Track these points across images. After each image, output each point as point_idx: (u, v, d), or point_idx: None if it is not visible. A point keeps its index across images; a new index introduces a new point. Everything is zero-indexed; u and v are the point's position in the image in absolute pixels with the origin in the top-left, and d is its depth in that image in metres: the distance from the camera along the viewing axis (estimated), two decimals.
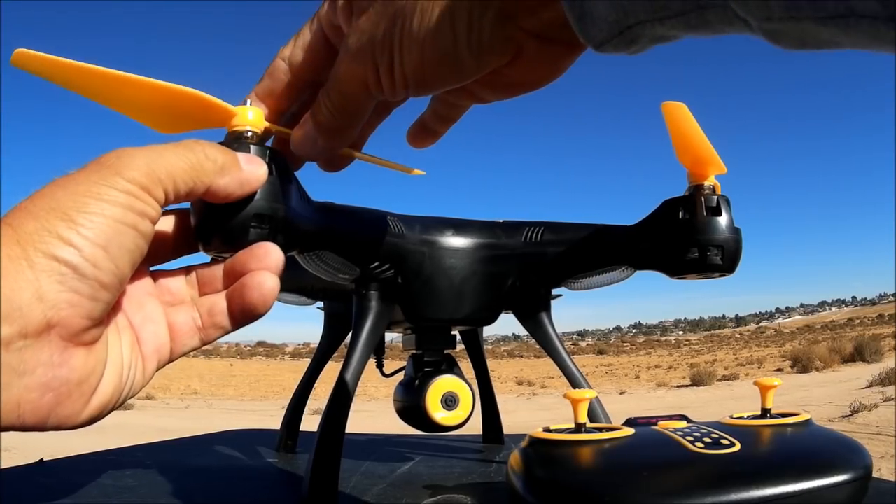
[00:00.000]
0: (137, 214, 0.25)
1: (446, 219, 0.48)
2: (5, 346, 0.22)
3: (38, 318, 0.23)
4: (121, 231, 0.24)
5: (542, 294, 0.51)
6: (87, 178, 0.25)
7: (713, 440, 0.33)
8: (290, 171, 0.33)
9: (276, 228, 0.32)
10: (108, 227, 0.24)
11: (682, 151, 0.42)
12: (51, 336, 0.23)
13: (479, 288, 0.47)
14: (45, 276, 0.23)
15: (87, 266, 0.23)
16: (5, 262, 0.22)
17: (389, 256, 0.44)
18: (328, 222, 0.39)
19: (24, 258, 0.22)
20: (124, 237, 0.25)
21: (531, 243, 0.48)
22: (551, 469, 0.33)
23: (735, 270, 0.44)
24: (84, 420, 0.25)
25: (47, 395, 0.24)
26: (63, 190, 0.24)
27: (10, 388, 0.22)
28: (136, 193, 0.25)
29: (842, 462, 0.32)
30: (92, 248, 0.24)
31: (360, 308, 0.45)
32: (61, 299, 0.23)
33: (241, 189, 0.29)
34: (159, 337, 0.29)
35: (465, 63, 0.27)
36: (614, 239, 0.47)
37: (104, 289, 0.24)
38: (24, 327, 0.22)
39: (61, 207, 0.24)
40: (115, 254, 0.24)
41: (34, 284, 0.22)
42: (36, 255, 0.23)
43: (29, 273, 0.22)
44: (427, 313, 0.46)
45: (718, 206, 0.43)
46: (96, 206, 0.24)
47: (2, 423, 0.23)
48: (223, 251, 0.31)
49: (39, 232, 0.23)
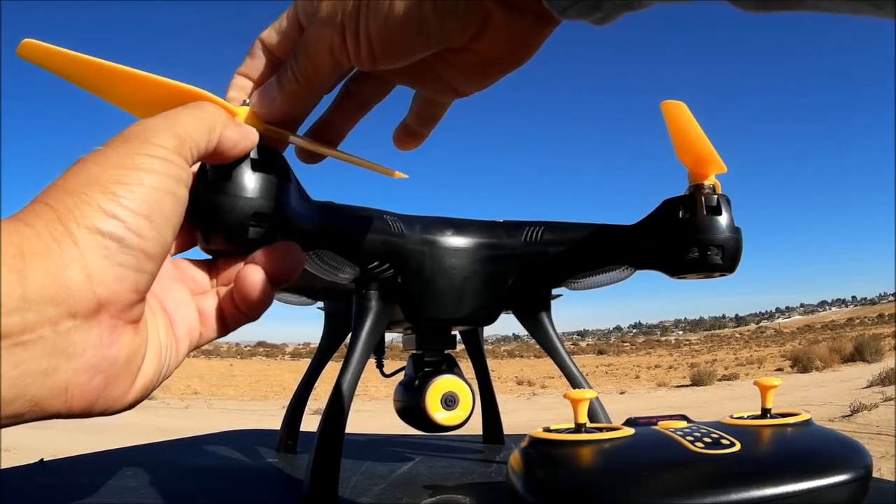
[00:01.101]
0: (174, 180, 0.25)
1: (446, 218, 0.48)
2: (54, 329, 0.21)
3: (88, 298, 0.22)
4: (161, 198, 0.24)
5: (542, 294, 0.51)
6: (118, 150, 0.24)
7: (713, 440, 0.33)
8: (289, 170, 0.33)
9: (275, 227, 0.32)
10: (148, 196, 0.24)
11: (682, 151, 0.42)
12: (100, 315, 0.23)
13: (480, 288, 0.47)
14: (91, 253, 0.22)
15: (132, 237, 0.23)
16: (49, 242, 0.21)
17: (389, 256, 0.44)
18: (328, 221, 0.39)
19: (67, 235, 0.22)
20: (165, 204, 0.24)
21: (531, 243, 0.48)
22: (551, 469, 0.33)
23: (735, 270, 0.44)
24: (129, 402, 0.25)
25: (96, 378, 0.23)
26: (96, 165, 0.24)
27: (59, 372, 0.22)
28: (169, 158, 0.25)
29: (842, 462, 0.32)
30: (135, 219, 0.23)
31: (360, 308, 0.45)
32: (109, 275, 0.22)
33: (244, 141, 0.30)
34: (190, 319, 0.29)
35: (430, 27, 0.26)
36: (614, 239, 0.47)
37: (150, 259, 0.24)
38: (74, 308, 0.22)
39: (99, 181, 0.23)
40: (158, 222, 0.24)
41: (81, 262, 0.22)
42: (80, 231, 0.22)
43: (74, 250, 0.22)
44: (427, 313, 0.46)
45: (719, 205, 0.43)
46: (134, 177, 0.24)
47: (49, 411, 0.22)
48: (223, 249, 0.31)
49: (80, 206, 0.22)
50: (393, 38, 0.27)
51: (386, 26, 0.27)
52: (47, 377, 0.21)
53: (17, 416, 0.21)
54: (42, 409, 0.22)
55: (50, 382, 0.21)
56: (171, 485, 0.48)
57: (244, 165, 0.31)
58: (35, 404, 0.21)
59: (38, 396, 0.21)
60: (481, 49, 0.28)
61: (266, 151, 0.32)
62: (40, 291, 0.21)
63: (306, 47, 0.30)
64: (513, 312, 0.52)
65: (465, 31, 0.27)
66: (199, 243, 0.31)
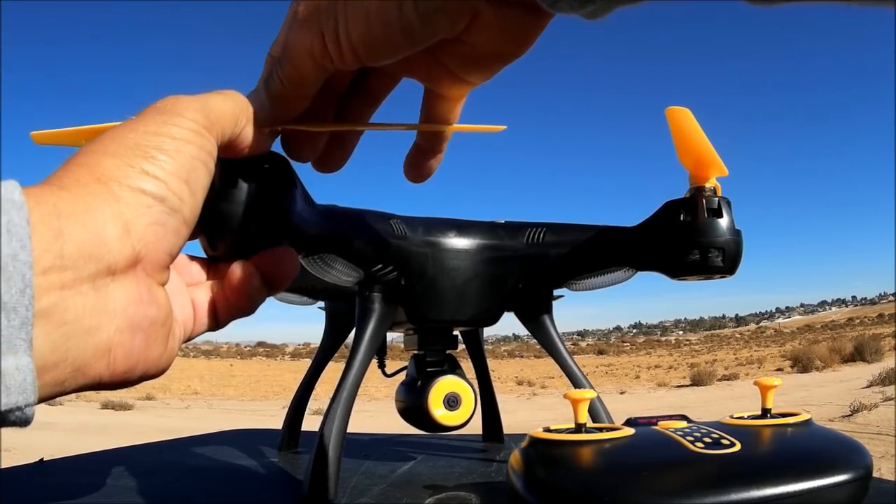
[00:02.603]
0: (206, 153, 0.25)
1: (449, 220, 0.48)
2: (93, 285, 0.21)
3: (127, 253, 0.22)
4: (197, 167, 0.25)
5: (543, 295, 0.51)
6: (154, 120, 0.25)
7: (713, 440, 0.33)
8: (293, 174, 0.33)
9: (281, 234, 0.32)
10: (187, 163, 0.24)
11: (683, 154, 0.42)
12: (137, 271, 0.22)
13: (482, 289, 0.47)
14: (131, 209, 0.22)
15: (174, 199, 0.23)
16: (88, 200, 0.21)
17: (393, 258, 0.44)
18: (331, 225, 0.39)
19: (108, 193, 0.22)
20: (200, 173, 0.25)
21: (533, 244, 0.48)
22: (551, 469, 0.33)
23: (736, 272, 0.44)
24: (164, 365, 0.25)
25: (137, 337, 0.23)
26: (133, 132, 0.24)
27: (101, 330, 0.21)
28: (201, 132, 0.25)
29: (842, 462, 0.32)
30: (177, 182, 0.24)
31: (363, 310, 0.45)
32: (149, 232, 0.22)
33: (258, 147, 0.29)
34: (185, 310, 0.29)
35: (413, 28, 0.25)
36: (616, 240, 0.47)
37: (185, 224, 0.24)
38: (113, 263, 0.21)
39: (140, 146, 0.23)
40: (195, 189, 0.25)
41: (122, 217, 0.22)
42: (121, 190, 0.22)
43: (115, 206, 0.22)
44: (430, 314, 0.46)
45: (719, 207, 0.43)
46: (172, 144, 0.24)
47: (91, 375, 0.21)
48: (226, 253, 0.31)
49: (121, 168, 0.22)
50: (375, 41, 0.26)
51: (368, 30, 0.26)
52: (91, 336, 0.21)
53: (58, 383, 0.21)
54: (84, 373, 0.21)
55: (93, 342, 0.21)
56: (171, 485, 0.48)
57: (250, 172, 0.31)
58: (77, 368, 0.21)
59: (81, 359, 0.21)
60: (476, 42, 0.27)
61: (272, 158, 0.32)
62: (78, 248, 0.20)
63: (288, 52, 0.29)
64: (515, 313, 0.52)
65: (453, 29, 0.26)
66: (205, 250, 0.31)
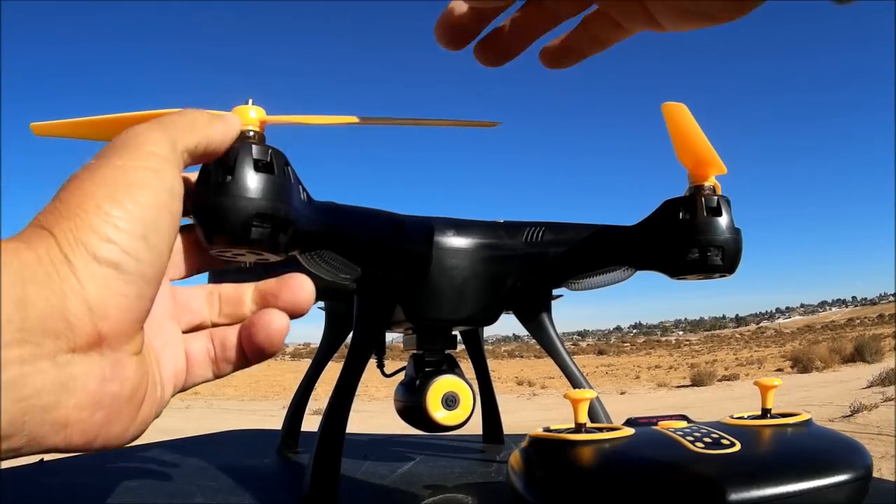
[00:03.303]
0: (168, 195, 0.24)
1: (447, 219, 0.48)
2: (53, 362, 0.20)
3: (88, 331, 0.21)
4: (156, 216, 0.23)
5: (542, 294, 0.51)
6: (111, 163, 0.23)
7: (713, 440, 0.33)
8: (292, 170, 0.34)
9: (278, 228, 0.32)
10: (143, 214, 0.23)
11: (682, 152, 0.42)
12: (102, 348, 0.22)
13: (480, 288, 0.47)
14: (89, 282, 0.21)
15: (129, 261, 0.22)
16: (49, 269, 0.21)
17: (391, 256, 0.44)
18: (330, 222, 0.39)
19: (66, 264, 0.21)
20: (160, 222, 0.24)
21: (532, 244, 0.48)
22: (551, 469, 0.33)
23: (735, 271, 0.44)
24: (129, 438, 0.24)
25: (98, 414, 0.22)
26: (90, 182, 0.23)
27: (59, 407, 0.21)
28: (162, 169, 0.24)
29: (842, 462, 0.32)
30: (131, 241, 0.22)
31: (361, 308, 0.45)
32: (111, 305, 0.22)
33: (231, 131, 0.29)
34: (178, 362, 0.28)
35: None
36: (615, 239, 0.47)
37: (148, 284, 0.23)
38: (73, 341, 0.21)
39: (94, 200, 0.22)
40: (155, 242, 0.23)
41: (81, 293, 0.21)
42: (77, 259, 0.21)
43: (73, 281, 0.21)
44: (428, 313, 0.46)
45: (719, 206, 0.43)
46: (128, 194, 0.23)
47: (46, 445, 0.21)
48: (226, 250, 0.31)
49: (76, 231, 0.21)
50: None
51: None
52: (47, 413, 0.20)
53: (14, 450, 0.20)
54: (40, 444, 0.21)
55: (50, 418, 0.21)
56: (171, 485, 0.48)
57: (247, 166, 0.31)
58: (33, 439, 0.21)
59: (38, 433, 0.20)
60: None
61: (269, 152, 0.32)
62: (40, 323, 0.20)
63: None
64: (513, 313, 0.52)
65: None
66: (203, 244, 0.31)
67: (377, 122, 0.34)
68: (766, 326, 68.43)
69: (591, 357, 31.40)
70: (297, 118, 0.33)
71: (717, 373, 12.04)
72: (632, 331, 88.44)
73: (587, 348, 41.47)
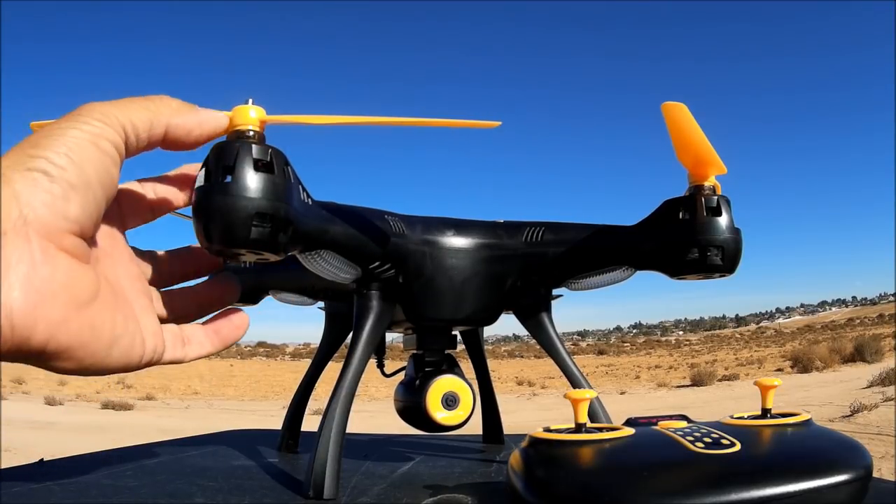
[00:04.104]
0: (93, 135, 0.28)
1: (447, 219, 0.48)
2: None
3: (14, 215, 0.25)
4: (80, 145, 0.28)
5: (542, 294, 0.51)
6: (56, 123, 0.28)
7: (713, 440, 0.33)
8: (292, 170, 0.34)
9: (277, 227, 0.32)
10: (68, 142, 0.27)
11: (682, 152, 0.42)
12: (28, 233, 0.25)
13: (480, 288, 0.47)
14: (20, 183, 0.26)
15: (55, 169, 0.27)
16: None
17: (390, 256, 0.44)
18: (330, 222, 0.39)
19: (5, 179, 0.25)
20: (84, 149, 0.28)
21: (532, 243, 0.48)
22: (551, 469, 0.33)
23: (735, 271, 0.44)
24: (76, 336, 0.27)
25: (31, 294, 0.25)
26: (36, 134, 0.28)
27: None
28: (96, 125, 0.28)
29: (842, 462, 0.32)
30: (59, 157, 0.27)
31: (361, 308, 0.45)
32: (36, 199, 0.26)
33: (200, 128, 0.32)
34: (152, 329, 0.32)
35: None
36: (615, 239, 0.47)
37: (73, 189, 0.27)
38: (3, 229, 0.25)
39: (32, 141, 0.27)
40: (79, 160, 0.27)
41: (11, 188, 0.25)
42: (13, 173, 0.26)
43: (5, 186, 0.25)
44: (428, 313, 0.46)
45: (718, 206, 0.43)
46: (60, 133, 0.28)
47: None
48: (227, 250, 0.31)
49: (13, 157, 0.27)
50: None
51: None
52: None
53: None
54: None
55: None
56: (171, 485, 0.48)
57: (247, 166, 0.31)
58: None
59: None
60: None
61: (269, 151, 0.32)
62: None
63: None
64: (513, 313, 0.52)
65: None
66: (202, 243, 0.31)
67: (377, 122, 0.34)
68: (766, 326, 68.44)
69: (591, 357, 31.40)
70: (296, 118, 0.33)
71: (717, 373, 12.05)
72: (632, 331, 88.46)
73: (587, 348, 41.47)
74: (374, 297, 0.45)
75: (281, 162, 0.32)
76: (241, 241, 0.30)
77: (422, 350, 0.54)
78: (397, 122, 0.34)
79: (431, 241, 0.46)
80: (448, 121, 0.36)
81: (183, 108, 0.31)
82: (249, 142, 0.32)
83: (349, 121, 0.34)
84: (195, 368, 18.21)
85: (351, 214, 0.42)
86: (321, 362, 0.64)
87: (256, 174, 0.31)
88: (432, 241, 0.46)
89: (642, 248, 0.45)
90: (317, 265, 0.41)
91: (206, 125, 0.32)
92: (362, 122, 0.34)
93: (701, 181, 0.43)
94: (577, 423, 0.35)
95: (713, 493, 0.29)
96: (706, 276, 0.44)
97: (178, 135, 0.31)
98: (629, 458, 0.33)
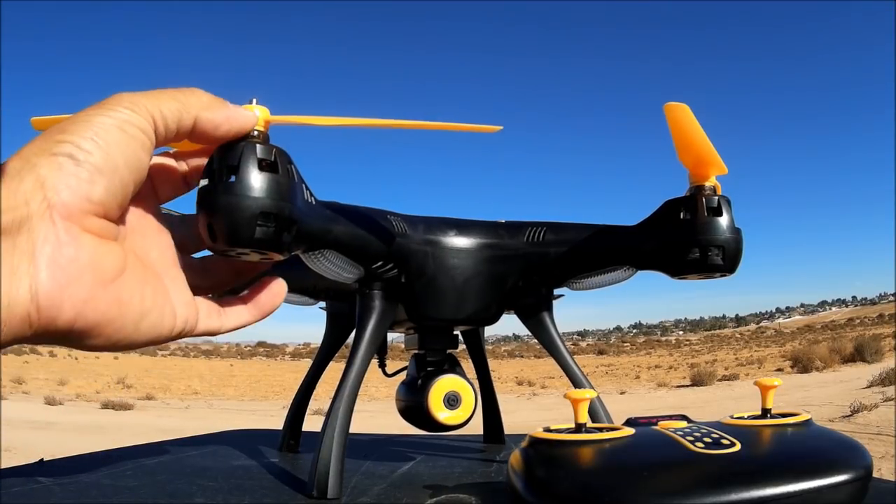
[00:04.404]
0: (121, 120, 0.28)
1: (449, 219, 0.48)
2: (5, 233, 0.24)
3: (39, 200, 0.25)
4: (108, 129, 0.28)
5: (544, 294, 0.51)
6: (84, 112, 0.28)
7: (713, 440, 0.33)
8: (296, 170, 0.34)
9: (281, 227, 0.32)
10: (95, 127, 0.27)
11: (683, 152, 0.42)
12: (52, 215, 0.26)
13: (482, 288, 0.47)
14: (45, 168, 0.26)
15: (81, 153, 0.27)
16: (13, 174, 0.25)
17: (393, 256, 0.44)
18: (333, 221, 0.39)
19: (28, 165, 0.26)
20: (111, 133, 0.28)
21: (533, 243, 0.48)
22: (552, 469, 0.33)
23: (736, 271, 0.44)
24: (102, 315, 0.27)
25: (57, 274, 0.25)
26: (65, 121, 0.28)
27: (18, 272, 0.24)
28: (123, 112, 0.28)
29: (842, 462, 0.32)
30: (85, 142, 0.27)
31: (363, 307, 0.45)
32: (60, 182, 0.26)
33: (228, 123, 0.31)
34: (187, 296, 0.32)
35: None
36: (616, 239, 0.47)
37: (100, 173, 0.27)
38: (28, 213, 0.25)
39: (59, 127, 0.27)
40: (105, 144, 0.27)
41: (35, 175, 0.26)
42: (38, 158, 0.26)
43: (33, 171, 0.26)
44: (430, 313, 0.46)
45: (719, 206, 0.43)
46: (87, 119, 0.28)
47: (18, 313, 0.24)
48: (231, 249, 0.31)
49: (39, 144, 0.27)
50: None
51: None
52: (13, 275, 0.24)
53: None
54: (12, 311, 0.24)
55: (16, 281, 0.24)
56: (171, 485, 0.48)
57: (251, 165, 0.31)
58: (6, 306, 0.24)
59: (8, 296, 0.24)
60: None
61: (273, 151, 0.32)
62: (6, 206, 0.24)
63: None
64: (515, 312, 0.52)
65: None
66: (206, 242, 0.31)
67: (380, 124, 0.34)
68: (766, 326, 68.45)
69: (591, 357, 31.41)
70: (301, 119, 0.33)
71: (717, 373, 12.05)
72: (632, 330, 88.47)
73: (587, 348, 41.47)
74: (376, 296, 0.45)
75: (285, 161, 0.32)
76: (245, 240, 0.31)
77: (424, 350, 0.54)
78: (399, 124, 0.34)
79: (433, 241, 0.46)
80: (450, 125, 0.36)
81: (213, 103, 0.31)
82: (254, 142, 0.32)
83: (352, 123, 0.34)
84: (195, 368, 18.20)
85: (354, 214, 0.42)
86: (322, 362, 0.65)
87: (261, 174, 0.31)
88: (434, 241, 0.46)
89: (643, 248, 0.45)
90: (320, 265, 0.41)
91: (235, 121, 0.32)
92: (365, 125, 0.34)
93: (702, 181, 0.43)
94: (577, 423, 0.35)
95: (713, 493, 0.29)
96: (707, 275, 0.44)
97: (207, 128, 0.31)
98: (629, 459, 0.33)
